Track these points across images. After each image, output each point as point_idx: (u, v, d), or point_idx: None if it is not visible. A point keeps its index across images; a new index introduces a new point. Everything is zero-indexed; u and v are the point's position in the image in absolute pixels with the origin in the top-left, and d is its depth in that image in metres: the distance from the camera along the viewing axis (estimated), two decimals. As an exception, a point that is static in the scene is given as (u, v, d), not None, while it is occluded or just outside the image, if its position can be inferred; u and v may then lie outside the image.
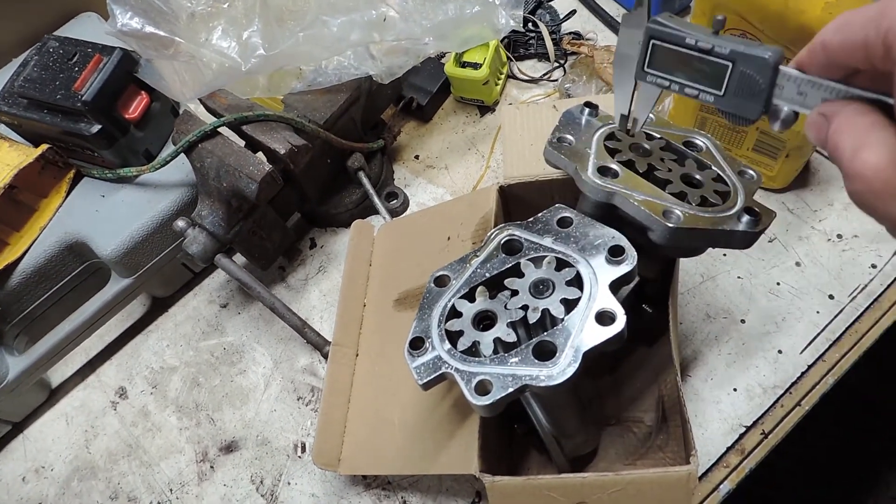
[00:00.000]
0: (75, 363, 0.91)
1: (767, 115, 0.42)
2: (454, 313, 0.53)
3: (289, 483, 0.77)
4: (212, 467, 0.80)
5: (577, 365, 0.46)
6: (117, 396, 0.88)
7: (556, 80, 0.98)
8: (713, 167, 0.57)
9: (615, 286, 0.50)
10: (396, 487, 0.74)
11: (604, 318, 0.48)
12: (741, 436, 0.70)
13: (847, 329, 0.74)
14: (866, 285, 0.76)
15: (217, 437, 0.82)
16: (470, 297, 0.54)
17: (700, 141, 0.59)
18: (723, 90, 0.43)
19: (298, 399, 0.82)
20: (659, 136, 0.59)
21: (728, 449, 0.70)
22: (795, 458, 1.36)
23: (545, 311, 0.50)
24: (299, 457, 0.79)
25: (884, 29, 0.32)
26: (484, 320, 0.53)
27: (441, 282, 0.56)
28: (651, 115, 0.61)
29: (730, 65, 0.42)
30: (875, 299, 0.75)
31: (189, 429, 0.83)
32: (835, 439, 1.42)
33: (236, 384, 0.85)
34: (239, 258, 0.87)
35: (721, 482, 0.69)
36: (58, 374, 0.91)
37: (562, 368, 0.46)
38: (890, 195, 0.32)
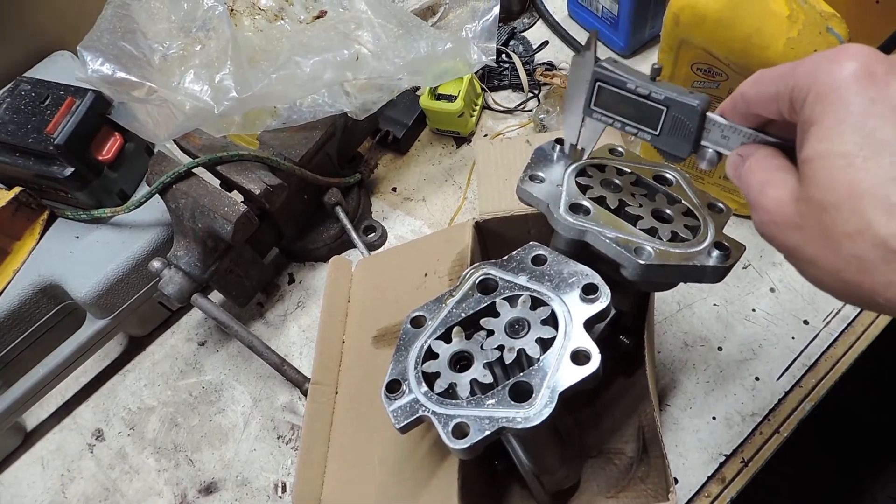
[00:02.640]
0: (51, 405, 0.90)
1: (696, 155, 0.46)
2: (430, 355, 0.53)
3: (270, 525, 0.76)
4: (191, 510, 0.79)
5: (553, 406, 0.46)
6: (94, 439, 0.86)
7: (531, 111, 0.99)
8: (683, 201, 0.58)
9: (590, 324, 0.50)
10: (379, 526, 0.73)
11: (579, 357, 0.48)
12: (721, 465, 0.70)
13: (822, 354, 0.75)
14: (840, 310, 0.77)
15: (196, 478, 0.81)
16: (446, 337, 0.54)
17: (670, 175, 0.60)
18: (658, 130, 0.47)
19: (279, 437, 0.82)
20: (629, 170, 0.60)
21: (709, 478, 0.70)
22: (776, 486, 1.36)
23: (521, 351, 0.50)
24: (280, 497, 0.78)
25: (790, 86, 0.37)
26: (460, 361, 0.53)
27: (417, 322, 0.55)
28: (621, 149, 0.62)
29: (664, 109, 0.46)
30: (849, 324, 0.76)
31: (168, 470, 0.82)
32: (816, 462, 1.42)
33: (215, 423, 0.84)
34: (216, 295, 0.87)
35: (703, 512, 0.69)
36: (33, 417, 0.90)
37: (538, 410, 0.46)
38: (787, 226, 0.37)
